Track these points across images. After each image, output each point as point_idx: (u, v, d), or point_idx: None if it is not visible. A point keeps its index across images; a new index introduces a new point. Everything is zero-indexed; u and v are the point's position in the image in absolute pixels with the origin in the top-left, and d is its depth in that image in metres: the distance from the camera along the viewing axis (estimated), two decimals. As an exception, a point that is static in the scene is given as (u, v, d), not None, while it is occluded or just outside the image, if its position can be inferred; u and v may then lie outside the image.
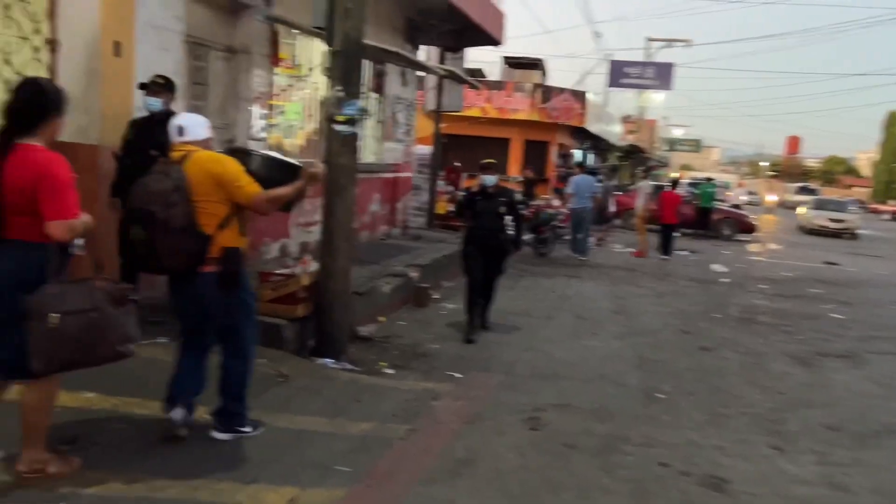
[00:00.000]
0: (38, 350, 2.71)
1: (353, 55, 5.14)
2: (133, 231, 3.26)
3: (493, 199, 6.55)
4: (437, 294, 8.28)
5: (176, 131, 3.42)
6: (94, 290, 2.83)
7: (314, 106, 8.40)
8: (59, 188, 2.72)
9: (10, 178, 2.69)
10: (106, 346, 2.84)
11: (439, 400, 4.80)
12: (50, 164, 2.73)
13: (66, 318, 2.71)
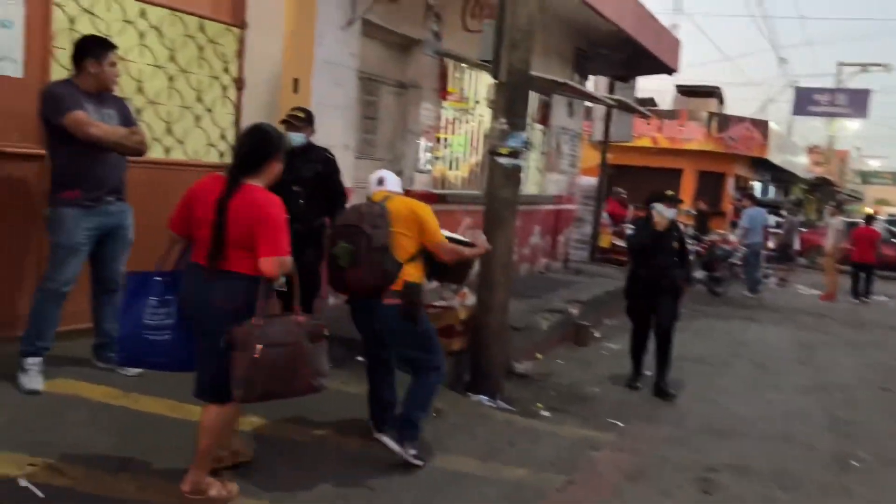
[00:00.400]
0: (241, 378, 2.84)
1: (519, 87, 5.04)
2: (339, 246, 3.60)
3: (667, 235, 5.92)
4: (598, 332, 7.92)
5: (376, 181, 3.96)
6: (295, 325, 2.96)
7: (479, 138, 8.42)
8: (276, 227, 2.90)
9: (233, 215, 2.89)
10: (302, 379, 2.96)
11: (599, 450, 4.50)
12: (270, 205, 2.92)
13: (269, 350, 2.83)
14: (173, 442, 3.52)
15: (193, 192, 3.05)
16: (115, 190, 3.97)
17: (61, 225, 3.82)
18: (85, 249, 3.91)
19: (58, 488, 2.95)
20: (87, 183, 3.83)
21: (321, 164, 4.66)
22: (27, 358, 3.82)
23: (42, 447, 3.22)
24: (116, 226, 4.02)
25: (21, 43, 4.09)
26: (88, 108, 3.80)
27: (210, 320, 2.90)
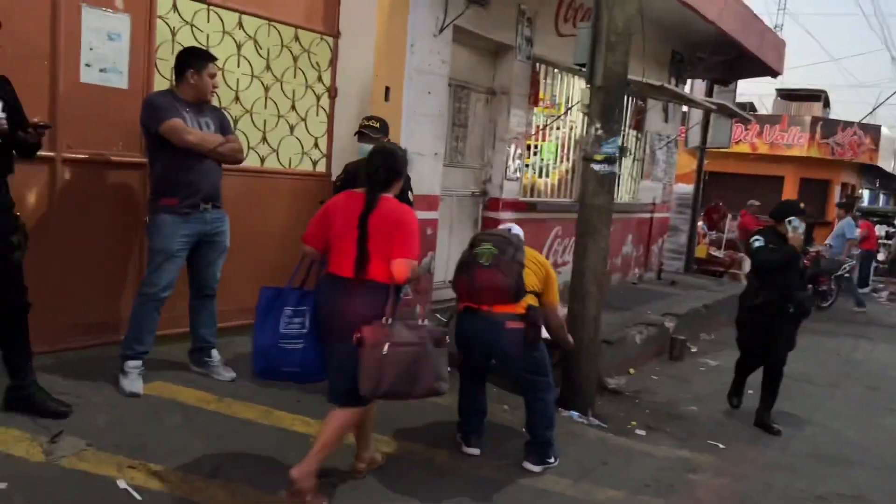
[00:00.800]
0: (368, 375, 2.99)
1: (615, 91, 4.86)
2: (483, 246, 3.79)
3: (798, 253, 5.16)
4: (694, 347, 7.58)
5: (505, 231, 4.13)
6: (421, 329, 3.12)
7: (569, 145, 8.23)
8: (411, 234, 3.12)
9: (375, 228, 3.09)
10: (424, 381, 3.06)
11: (698, 473, 4.25)
12: (405, 213, 3.16)
13: (396, 349, 2.98)
14: (264, 449, 3.54)
15: (331, 208, 3.25)
16: (211, 197, 4.04)
17: (159, 231, 3.92)
18: (181, 255, 4.00)
19: (154, 492, 2.99)
20: (184, 190, 3.92)
21: None
22: (127, 361, 3.94)
23: (140, 450, 3.29)
24: (212, 232, 4.09)
25: (126, 55, 4.24)
26: (186, 117, 3.90)
27: (352, 328, 3.02)
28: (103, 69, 4.14)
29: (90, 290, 4.28)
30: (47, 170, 4.00)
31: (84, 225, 4.19)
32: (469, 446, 3.93)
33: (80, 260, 4.20)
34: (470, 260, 3.81)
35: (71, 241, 4.14)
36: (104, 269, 4.34)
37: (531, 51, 7.02)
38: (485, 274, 3.71)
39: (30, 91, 3.74)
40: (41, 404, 3.43)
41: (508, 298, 3.72)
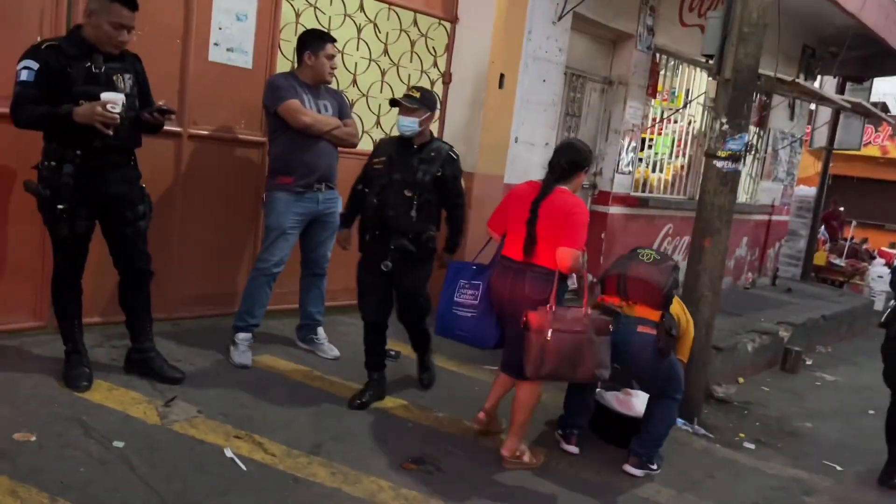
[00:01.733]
0: (532, 358, 3.21)
1: (745, 85, 4.58)
2: (645, 251, 3.86)
3: None
4: (810, 360, 7.15)
5: None
6: (584, 317, 3.27)
7: (686, 140, 7.89)
8: (579, 224, 3.30)
9: (544, 214, 3.33)
10: (586, 367, 3.24)
11: (812, 496, 3.98)
12: (577, 205, 3.36)
13: (559, 335, 3.18)
14: (363, 430, 3.57)
15: (511, 196, 3.55)
16: (326, 177, 4.10)
17: (274, 208, 4.02)
18: (294, 233, 4.08)
19: (259, 463, 3.06)
20: (299, 170, 3.99)
21: (443, 166, 3.67)
22: (238, 333, 4.06)
23: (246, 421, 3.38)
24: (325, 212, 4.15)
25: (252, 35, 4.35)
26: (305, 99, 3.96)
27: (520, 308, 3.30)
28: (230, 49, 4.26)
29: (208, 263, 4.44)
30: (173, 145, 4.16)
31: (205, 199, 4.34)
32: (568, 444, 3.84)
33: (201, 233, 4.36)
34: (630, 255, 3.83)
35: (192, 214, 4.30)
36: (222, 243, 4.49)
37: (652, 40, 6.75)
38: (642, 266, 3.69)
39: (162, 69, 3.91)
40: (159, 369, 3.58)
41: (655, 299, 3.63)
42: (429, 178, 3.62)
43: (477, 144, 5.31)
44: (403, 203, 3.60)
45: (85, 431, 3.02)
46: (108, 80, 3.18)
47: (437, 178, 3.64)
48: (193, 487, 2.80)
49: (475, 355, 4.64)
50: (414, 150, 3.68)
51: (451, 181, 3.72)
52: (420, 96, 3.66)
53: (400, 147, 3.69)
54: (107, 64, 3.19)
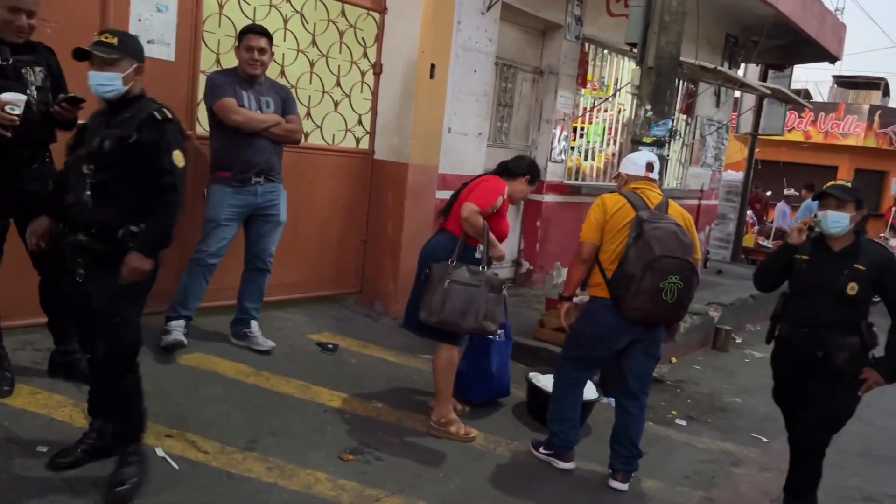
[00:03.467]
0: (428, 303, 3.52)
1: (667, 72, 4.72)
2: (670, 281, 3.24)
3: (837, 263, 3.25)
4: (739, 338, 7.41)
5: (644, 165, 3.61)
6: (478, 274, 3.57)
7: (616, 128, 8.06)
8: (484, 189, 3.69)
9: (466, 190, 3.75)
10: (472, 317, 3.48)
11: (741, 467, 4.15)
12: (489, 180, 3.81)
13: (454, 285, 3.50)
14: (300, 423, 3.54)
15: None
16: (265, 172, 4.09)
17: (211, 200, 4.05)
18: (230, 225, 4.06)
19: (192, 461, 3.02)
20: (237, 165, 4.01)
21: (139, 130, 2.65)
22: (171, 322, 4.03)
23: (179, 420, 3.32)
24: (264, 205, 4.14)
25: (174, 27, 4.25)
26: (243, 96, 3.96)
27: (424, 265, 3.71)
28: (151, 41, 4.15)
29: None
30: (95, 140, 4.02)
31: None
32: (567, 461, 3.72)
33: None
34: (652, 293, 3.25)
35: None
36: (148, 241, 4.37)
37: (581, 30, 6.86)
38: (664, 310, 3.31)
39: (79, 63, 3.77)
40: (84, 371, 3.47)
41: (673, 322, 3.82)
42: (109, 146, 2.61)
43: (410, 135, 5.31)
44: (80, 184, 2.64)
45: (7, 437, 2.92)
46: (16, 73, 3.07)
47: (130, 145, 2.62)
48: (123, 489, 2.73)
49: (413, 344, 4.66)
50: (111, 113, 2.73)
51: (149, 150, 2.64)
52: (119, 42, 2.70)
53: (99, 115, 2.76)
54: (15, 56, 3.07)
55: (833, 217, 3.18)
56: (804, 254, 3.31)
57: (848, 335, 3.20)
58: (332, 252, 5.42)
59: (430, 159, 5.50)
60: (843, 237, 3.22)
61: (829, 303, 3.20)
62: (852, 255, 3.19)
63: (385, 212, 5.45)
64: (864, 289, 3.16)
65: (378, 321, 5.35)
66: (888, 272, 3.18)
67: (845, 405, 3.35)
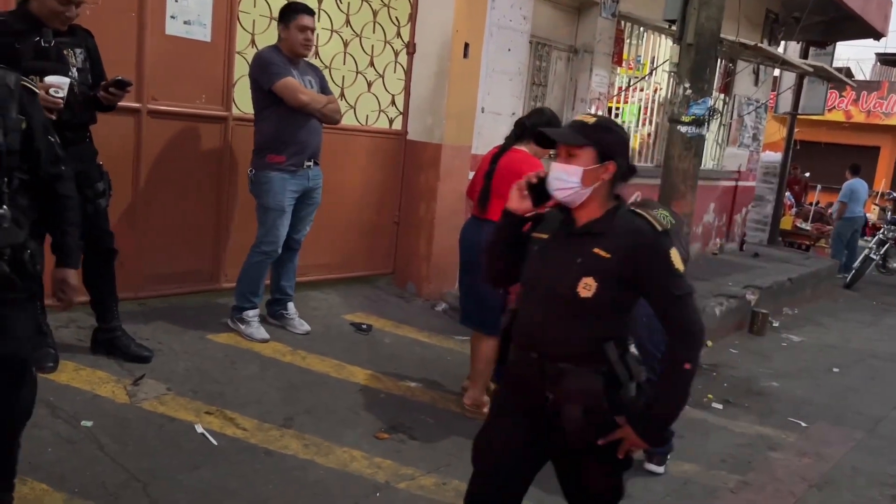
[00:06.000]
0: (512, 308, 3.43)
1: (707, 49, 4.60)
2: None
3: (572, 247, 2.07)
4: (776, 322, 7.28)
5: None
6: None
7: (652, 108, 7.93)
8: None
9: (501, 169, 3.55)
10: None
11: (778, 451, 4.08)
12: (525, 162, 3.48)
13: None
14: (336, 402, 3.58)
15: (480, 160, 3.77)
16: (314, 155, 4.09)
17: (270, 189, 3.95)
18: (290, 211, 4.05)
19: (230, 438, 3.06)
20: (292, 148, 3.94)
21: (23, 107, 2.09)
22: (247, 311, 4.08)
23: (217, 397, 3.37)
24: (313, 188, 4.15)
25: (210, 7, 4.26)
26: (295, 75, 3.90)
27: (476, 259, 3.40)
28: (188, 21, 4.17)
29: (172, 240, 4.38)
30: (133, 121, 4.07)
31: (167, 176, 4.27)
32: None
33: (163, 210, 4.29)
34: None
35: (155, 191, 4.23)
36: (186, 220, 4.43)
37: (616, 7, 6.73)
38: None
39: (117, 44, 3.81)
40: (125, 348, 3.54)
41: None
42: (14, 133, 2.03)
43: (443, 115, 5.28)
44: None
45: (52, 412, 2.99)
46: (58, 54, 3.10)
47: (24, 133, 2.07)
48: (164, 464, 2.80)
49: (445, 325, 4.67)
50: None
51: (40, 134, 2.15)
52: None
53: None
54: (57, 38, 3.10)
55: (555, 173, 1.98)
56: (544, 231, 2.07)
57: (585, 370, 1.93)
58: (365, 233, 5.44)
59: (464, 140, 5.47)
60: (587, 206, 1.97)
61: (558, 311, 1.95)
62: (594, 235, 1.95)
63: (418, 193, 5.44)
64: (607, 288, 1.89)
65: (411, 302, 5.36)
66: (644, 259, 1.90)
67: (607, 484, 2.08)
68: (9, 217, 1.97)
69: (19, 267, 1.97)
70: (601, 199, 1.97)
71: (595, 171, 1.94)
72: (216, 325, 4.12)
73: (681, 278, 1.92)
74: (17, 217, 1.98)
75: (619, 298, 1.94)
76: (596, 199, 1.96)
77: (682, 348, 1.92)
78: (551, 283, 1.96)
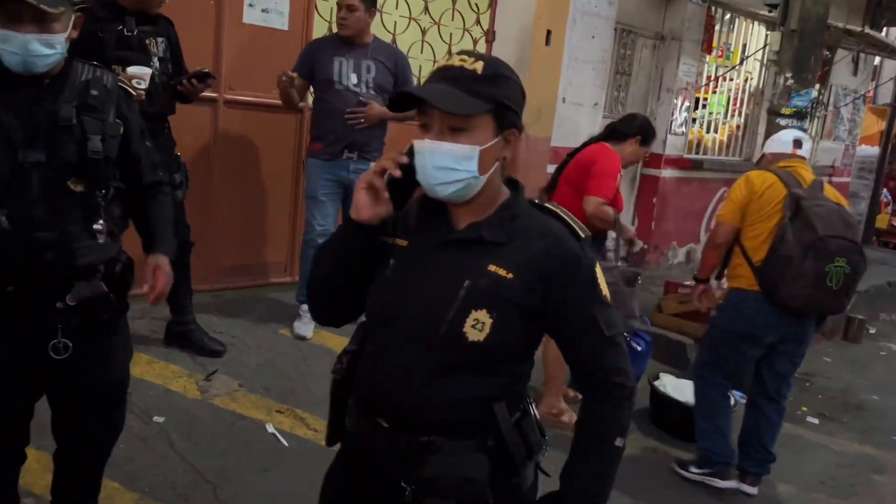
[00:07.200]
0: None
1: (811, 35, 4.27)
2: (837, 264, 2.92)
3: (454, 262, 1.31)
4: (873, 328, 6.80)
5: (791, 142, 3.22)
6: (612, 269, 3.26)
7: (742, 98, 7.50)
8: (605, 173, 3.27)
9: (572, 164, 3.41)
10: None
11: (883, 474, 3.76)
12: (600, 154, 3.33)
13: None
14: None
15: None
16: (357, 147, 3.83)
17: (307, 175, 3.92)
18: (328, 200, 3.87)
19: (300, 439, 2.98)
20: (328, 137, 3.81)
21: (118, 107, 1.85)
22: (302, 305, 3.98)
23: (288, 395, 3.30)
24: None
25: (288, -5, 4.18)
26: (337, 61, 3.71)
27: None
28: (265, 10, 4.10)
29: (248, 232, 4.34)
30: (209, 111, 4.04)
31: (243, 167, 4.23)
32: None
33: (239, 202, 4.25)
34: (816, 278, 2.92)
35: (231, 182, 4.19)
36: (261, 212, 4.38)
37: (707, -8, 6.38)
38: (827, 300, 2.99)
39: (195, 33, 3.77)
40: (199, 342, 3.50)
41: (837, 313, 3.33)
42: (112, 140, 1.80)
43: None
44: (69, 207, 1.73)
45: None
46: (140, 44, 3.05)
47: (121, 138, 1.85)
48: (234, 464, 2.73)
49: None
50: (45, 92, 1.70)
51: (137, 139, 1.93)
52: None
53: (6, 91, 1.67)
54: (139, 27, 3.06)
55: (437, 156, 1.24)
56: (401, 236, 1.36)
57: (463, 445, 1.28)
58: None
59: (543, 131, 5.26)
60: (473, 200, 1.30)
61: (428, 361, 1.28)
62: (486, 245, 1.29)
63: (494, 186, 5.26)
64: (506, 326, 1.26)
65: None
66: (561, 279, 1.28)
67: None
68: (105, 231, 1.79)
69: (111, 281, 1.83)
70: (493, 188, 1.31)
71: (495, 147, 1.27)
72: (289, 318, 4.05)
73: (610, 309, 1.32)
74: (112, 230, 1.83)
75: (521, 340, 1.30)
76: (488, 190, 1.29)
77: (612, 419, 1.32)
78: (421, 319, 1.27)
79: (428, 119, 1.25)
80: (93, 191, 1.72)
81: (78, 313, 1.72)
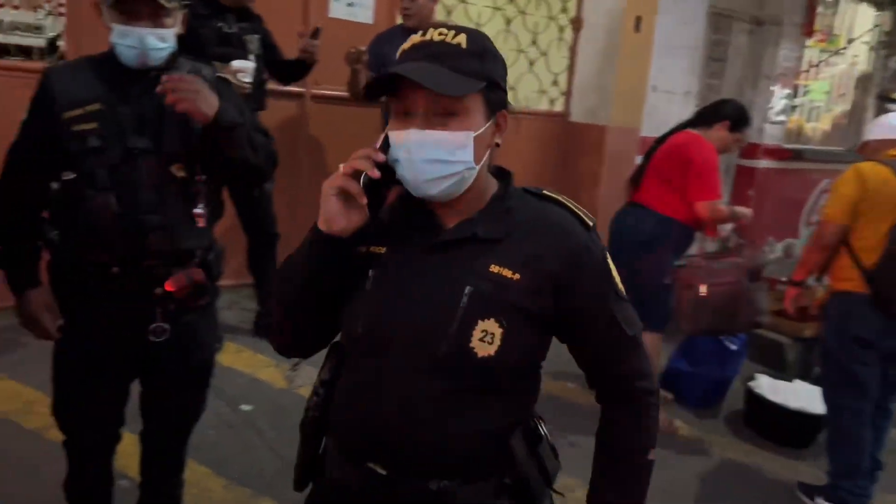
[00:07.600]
0: (687, 315, 3.12)
1: (930, 13, 3.94)
2: None
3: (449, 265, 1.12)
4: None
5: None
6: (735, 265, 3.14)
7: (847, 84, 7.06)
8: (706, 171, 3.06)
9: (661, 150, 3.20)
10: (743, 317, 3.11)
11: None
12: (691, 146, 3.09)
13: (713, 289, 3.06)
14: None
15: None
16: None
17: None
18: None
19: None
20: None
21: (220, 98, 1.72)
22: None
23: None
24: None
25: (373, -11, 4.19)
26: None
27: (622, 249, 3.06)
28: (351, 3, 4.13)
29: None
30: (296, 105, 4.10)
31: (330, 160, 4.27)
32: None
33: (324, 195, 4.29)
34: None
35: (318, 176, 4.23)
36: (345, 205, 4.42)
37: (810, -27, 6.02)
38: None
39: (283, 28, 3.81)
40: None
41: None
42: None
43: (610, 94, 4.93)
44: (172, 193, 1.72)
45: (215, 394, 3.02)
46: (239, 41, 3.12)
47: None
48: (317, 455, 2.74)
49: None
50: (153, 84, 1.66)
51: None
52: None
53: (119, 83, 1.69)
54: (237, 24, 3.12)
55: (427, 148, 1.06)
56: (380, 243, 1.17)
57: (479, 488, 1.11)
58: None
59: (632, 121, 5.09)
60: (468, 193, 1.12)
61: (432, 387, 1.08)
62: (484, 242, 1.11)
63: (579, 179, 5.13)
64: (517, 335, 1.08)
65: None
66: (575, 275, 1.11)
67: None
68: (205, 216, 1.79)
69: (206, 268, 1.83)
70: (483, 179, 1.15)
71: (487, 132, 1.11)
72: (372, 311, 4.07)
73: (628, 305, 1.17)
74: (209, 216, 1.83)
75: (534, 349, 1.14)
76: (478, 182, 1.13)
77: (643, 429, 1.19)
78: (417, 338, 1.07)
79: (408, 105, 1.05)
80: (193, 177, 1.75)
81: (175, 299, 1.76)
